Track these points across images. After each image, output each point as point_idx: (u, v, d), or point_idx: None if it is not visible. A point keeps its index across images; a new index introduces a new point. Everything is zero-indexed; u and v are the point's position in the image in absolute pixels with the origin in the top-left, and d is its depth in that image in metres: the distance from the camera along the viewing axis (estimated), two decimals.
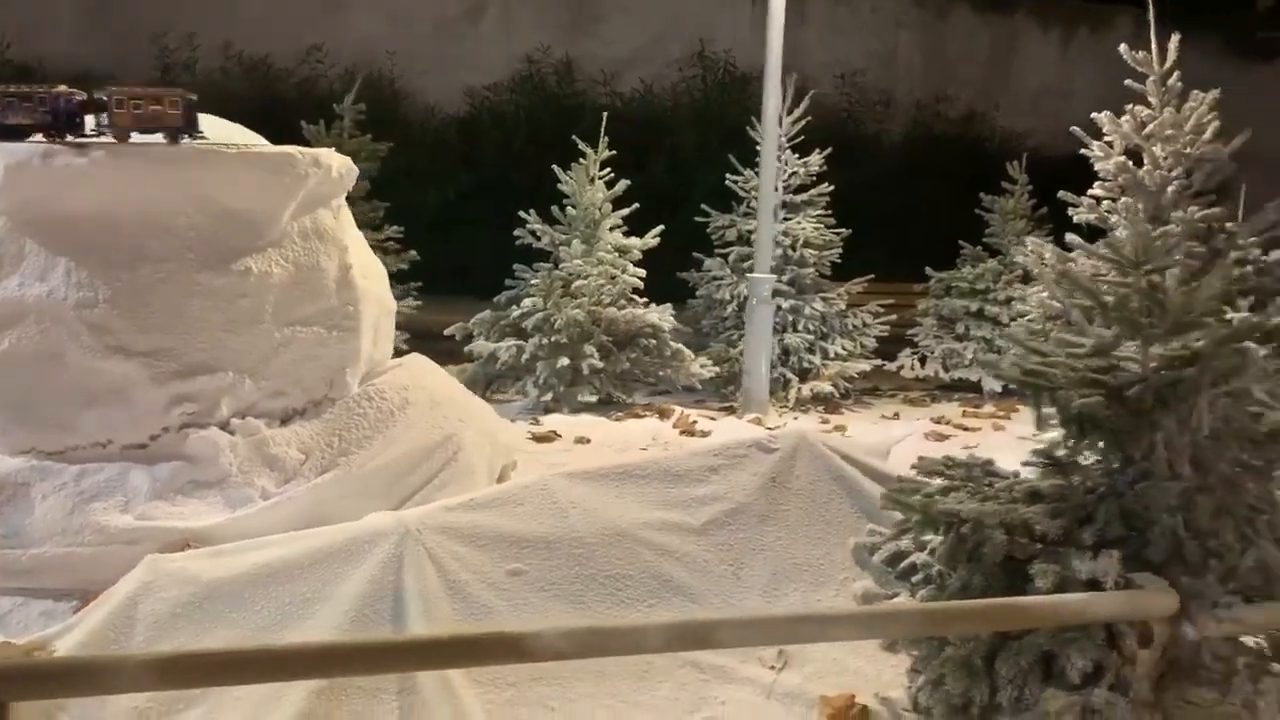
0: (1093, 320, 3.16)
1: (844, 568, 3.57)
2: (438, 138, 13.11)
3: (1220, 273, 2.86)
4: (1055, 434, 3.13)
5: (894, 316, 8.53)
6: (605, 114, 6.88)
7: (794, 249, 8.00)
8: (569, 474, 3.47)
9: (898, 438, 6.34)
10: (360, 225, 7.44)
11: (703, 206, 8.39)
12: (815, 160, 8.19)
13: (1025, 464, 3.19)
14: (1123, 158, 5.14)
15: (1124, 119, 5.12)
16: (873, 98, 15.22)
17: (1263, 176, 14.23)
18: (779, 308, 7.92)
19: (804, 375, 7.90)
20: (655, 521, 3.41)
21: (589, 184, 6.47)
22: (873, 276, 8.61)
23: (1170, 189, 5.00)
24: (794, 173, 8.17)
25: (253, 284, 3.65)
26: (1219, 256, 4.89)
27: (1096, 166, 5.27)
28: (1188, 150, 5.00)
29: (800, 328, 7.95)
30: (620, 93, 13.88)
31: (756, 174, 8.14)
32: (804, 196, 8.18)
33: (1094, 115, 5.51)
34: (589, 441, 5.19)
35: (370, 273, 4.11)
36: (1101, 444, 3.00)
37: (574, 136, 6.66)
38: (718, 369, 6.87)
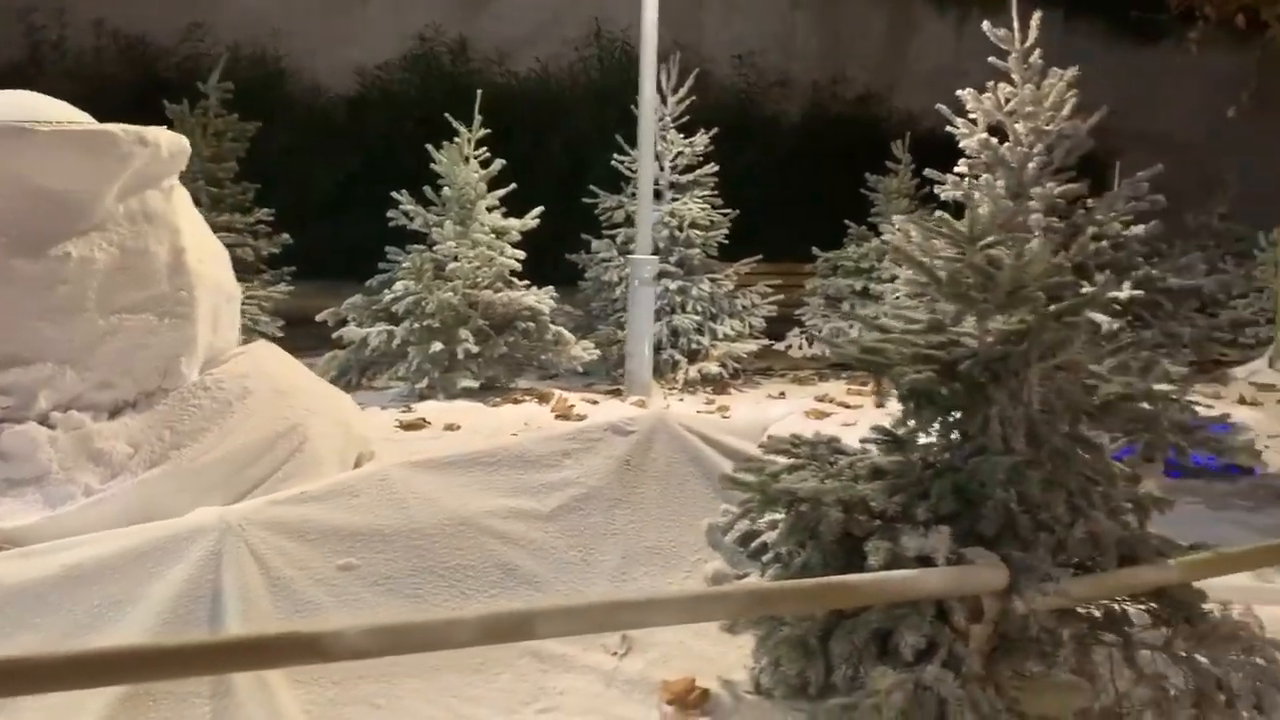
0: (931, 296, 3.14)
1: (697, 550, 3.52)
2: (326, 118, 12.74)
3: (1046, 246, 2.86)
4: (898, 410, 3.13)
5: (782, 296, 8.56)
6: (480, 92, 6.72)
7: (680, 230, 7.96)
8: (411, 463, 3.35)
9: (776, 417, 6.35)
10: (229, 208, 7.23)
11: (591, 188, 8.30)
12: (701, 141, 8.15)
13: (863, 441, 3.18)
14: (986, 135, 5.20)
15: (986, 96, 5.17)
16: (770, 78, 15.26)
17: (1152, 154, 14.50)
18: (666, 289, 7.88)
19: (693, 356, 7.88)
20: (501, 509, 3.32)
21: (463, 163, 6.31)
22: (761, 257, 8.62)
23: (1031, 165, 5.07)
24: (680, 153, 8.12)
25: (73, 270, 3.45)
26: (1078, 232, 4.97)
27: (961, 143, 5.32)
28: (1049, 127, 5.07)
29: (688, 309, 7.92)
30: (515, 72, 13.67)
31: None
32: (690, 177, 8.14)
33: (959, 92, 5.57)
34: (458, 428, 5.08)
35: (207, 256, 3.92)
36: (939, 420, 3.00)
37: (446, 115, 6.49)
38: (599, 352, 6.80)
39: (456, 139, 6.38)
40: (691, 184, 8.20)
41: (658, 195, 8.18)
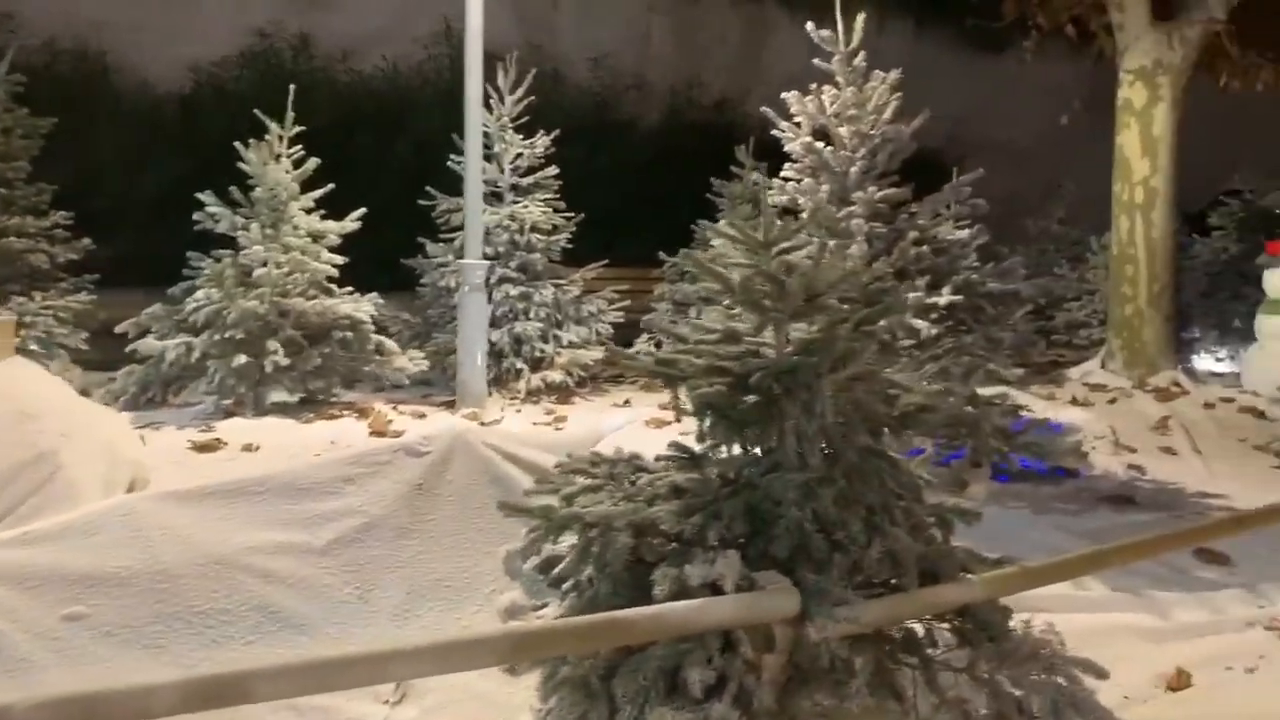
0: (729, 305, 2.96)
1: (494, 580, 3.27)
2: (156, 117, 11.99)
3: (840, 254, 2.71)
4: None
5: (629, 302, 8.38)
6: (293, 87, 6.32)
7: (521, 233, 7.70)
8: (162, 495, 3.00)
9: (612, 428, 6.15)
10: (20, 211, 6.62)
11: (428, 189, 7.97)
12: (542, 142, 7.90)
13: (658, 458, 2.98)
14: (810, 138, 5.10)
15: (809, 99, 5.07)
16: (626, 82, 15.12)
17: (996, 162, 14.80)
18: (508, 295, 7.61)
19: (536, 364, 7.62)
20: (267, 544, 3.00)
21: (273, 162, 5.89)
22: (606, 262, 8.44)
23: (854, 169, 4.99)
24: (519, 154, 7.86)
25: None
26: (900, 237, 4.91)
27: (786, 147, 5.21)
28: (872, 131, 5.00)
29: (531, 315, 7.66)
30: (360, 70, 13.16)
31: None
32: (530, 180, 7.88)
33: (784, 95, 5.47)
34: (258, 449, 4.69)
35: None
36: (737, 435, 2.82)
37: (256, 111, 6.06)
38: (426, 362, 6.47)
39: (267, 136, 5.96)
40: (533, 186, 7.95)
41: (498, 198, 7.92)
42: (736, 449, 2.85)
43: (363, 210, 6.25)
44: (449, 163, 7.76)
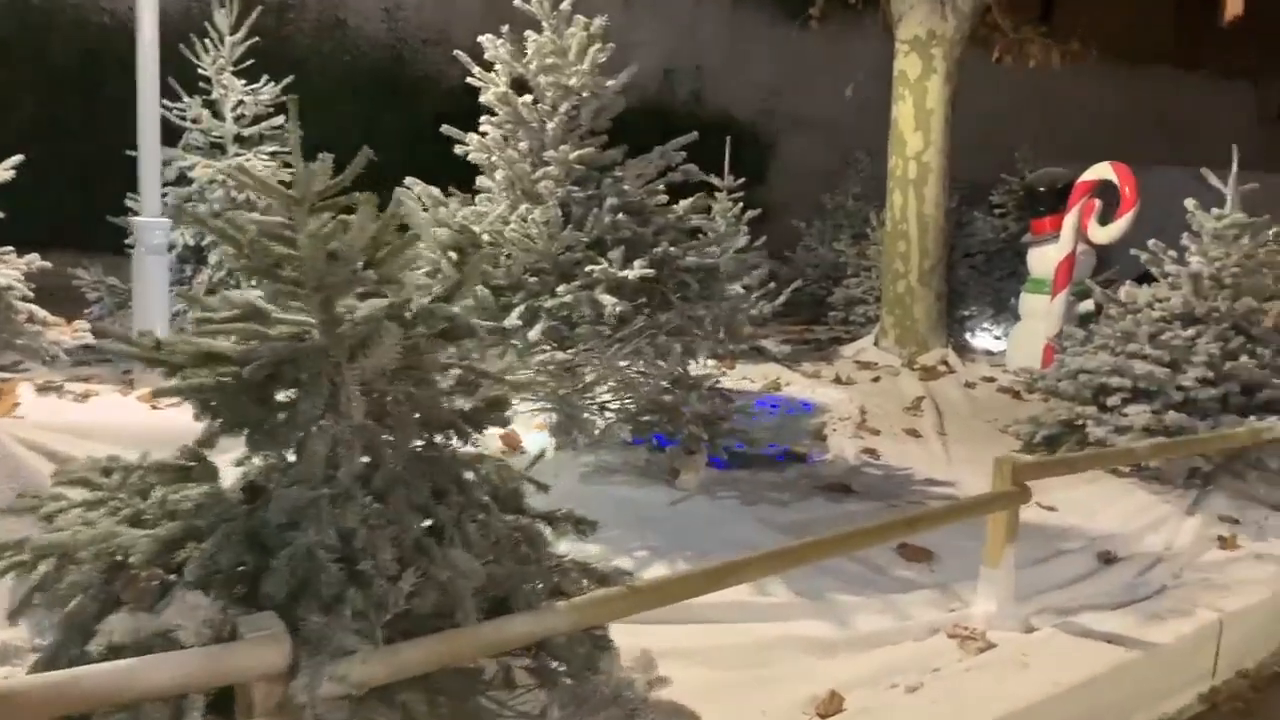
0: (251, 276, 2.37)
1: None
2: None
3: (366, 217, 2.17)
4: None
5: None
6: None
7: (241, 190, 6.90)
8: None
9: None
10: None
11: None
12: (268, 90, 7.10)
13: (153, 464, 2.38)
14: (507, 89, 4.54)
15: (502, 43, 4.51)
16: (423, 36, 14.24)
17: (808, 135, 14.50)
18: (224, 259, 6.81)
19: None
20: None
21: None
22: None
23: (551, 125, 4.47)
24: (240, 101, 7.05)
25: None
26: (597, 202, 4.42)
27: (481, 98, 4.64)
28: (571, 82, 4.48)
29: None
30: (113, 10, 11.87)
31: (201, 101, 6.98)
32: (253, 130, 7.08)
33: (480, 38, 4.89)
34: None
35: None
36: (251, 440, 2.26)
37: None
38: (90, 336, 5.67)
39: None
40: (264, 138, 7.16)
41: (221, 149, 7.10)
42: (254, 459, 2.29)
43: (18, 158, 5.36)
44: (164, 109, 6.87)
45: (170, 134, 7.02)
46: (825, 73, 17.36)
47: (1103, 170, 7.41)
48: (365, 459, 2.24)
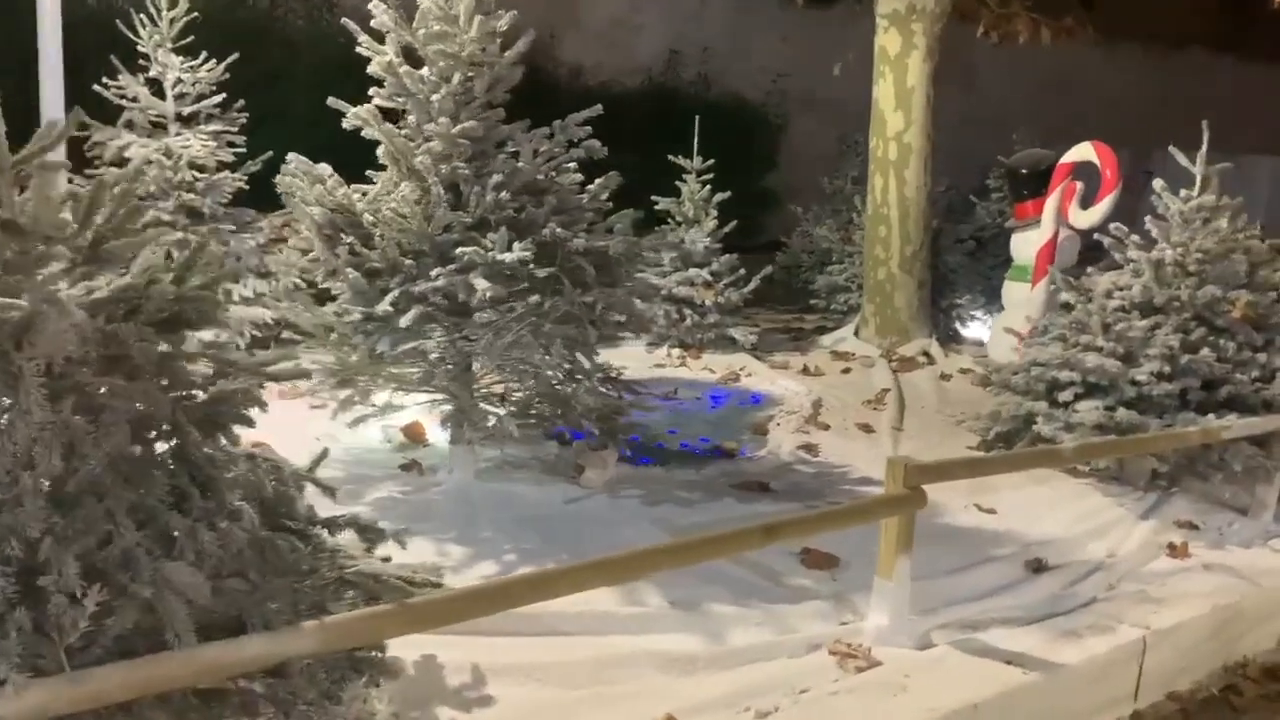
0: None
1: None
2: None
3: (93, 191, 1.92)
4: None
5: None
6: None
7: (176, 171, 6.70)
8: None
9: None
10: None
11: (87, 120, 6.87)
12: (209, 68, 6.87)
13: None
14: (392, 58, 4.27)
15: (388, 9, 4.23)
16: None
17: (819, 118, 14.01)
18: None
19: None
20: None
21: None
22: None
23: (437, 96, 4.19)
24: (179, 79, 6.83)
25: None
26: (485, 163, 4.14)
27: (369, 69, 4.37)
28: (462, 52, 4.20)
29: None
30: None
31: (141, 80, 6.77)
32: (192, 109, 6.86)
33: (371, 4, 4.61)
34: None
35: None
36: None
37: None
38: None
39: None
40: (208, 117, 6.95)
41: (162, 128, 6.90)
42: None
43: None
44: (98, 87, 6.69)
45: (112, 113, 6.85)
46: (837, 54, 16.95)
47: (1084, 151, 6.99)
48: (63, 461, 1.98)
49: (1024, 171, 7.67)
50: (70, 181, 6.31)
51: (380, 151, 4.14)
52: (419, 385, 4.16)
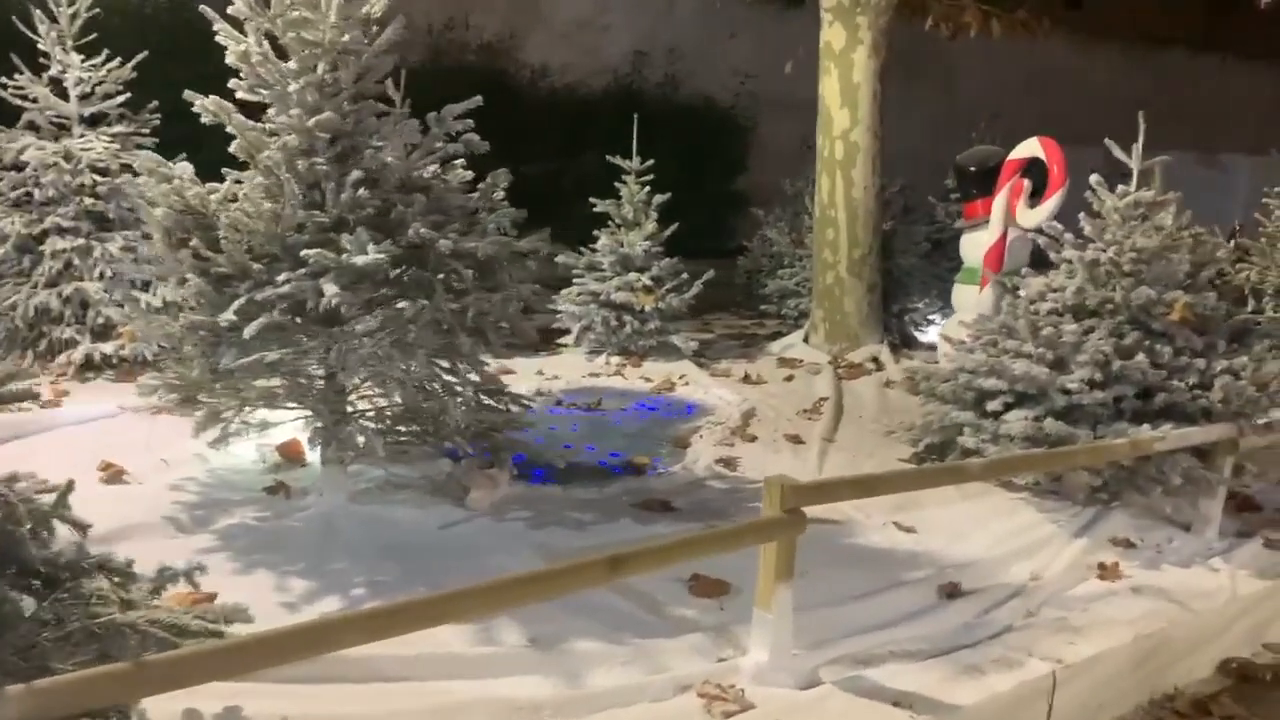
0: None
1: None
2: None
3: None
4: None
5: None
6: None
7: (75, 174, 6.37)
8: None
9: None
10: None
11: None
12: (110, 67, 6.55)
13: None
14: (248, 47, 3.95)
15: None
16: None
17: (789, 118, 13.72)
18: (59, 249, 6.31)
19: (105, 333, 6.37)
20: None
21: None
22: None
23: (294, 87, 3.87)
24: (81, 79, 6.51)
25: None
26: (347, 158, 3.83)
27: (228, 59, 4.05)
28: (324, 40, 3.89)
29: (97, 274, 6.38)
30: None
31: (45, 79, 6.46)
32: (95, 109, 6.54)
33: None
34: None
35: None
36: None
37: None
38: None
39: None
40: (109, 117, 6.63)
41: (67, 130, 6.58)
42: None
43: None
44: None
45: (9, 114, 6.55)
46: (810, 54, 16.69)
47: (1031, 147, 6.69)
48: None
49: (972, 169, 7.36)
50: None
51: (234, 146, 3.82)
52: (285, 401, 3.83)
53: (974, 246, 7.33)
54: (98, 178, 6.37)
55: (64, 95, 6.51)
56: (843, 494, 3.34)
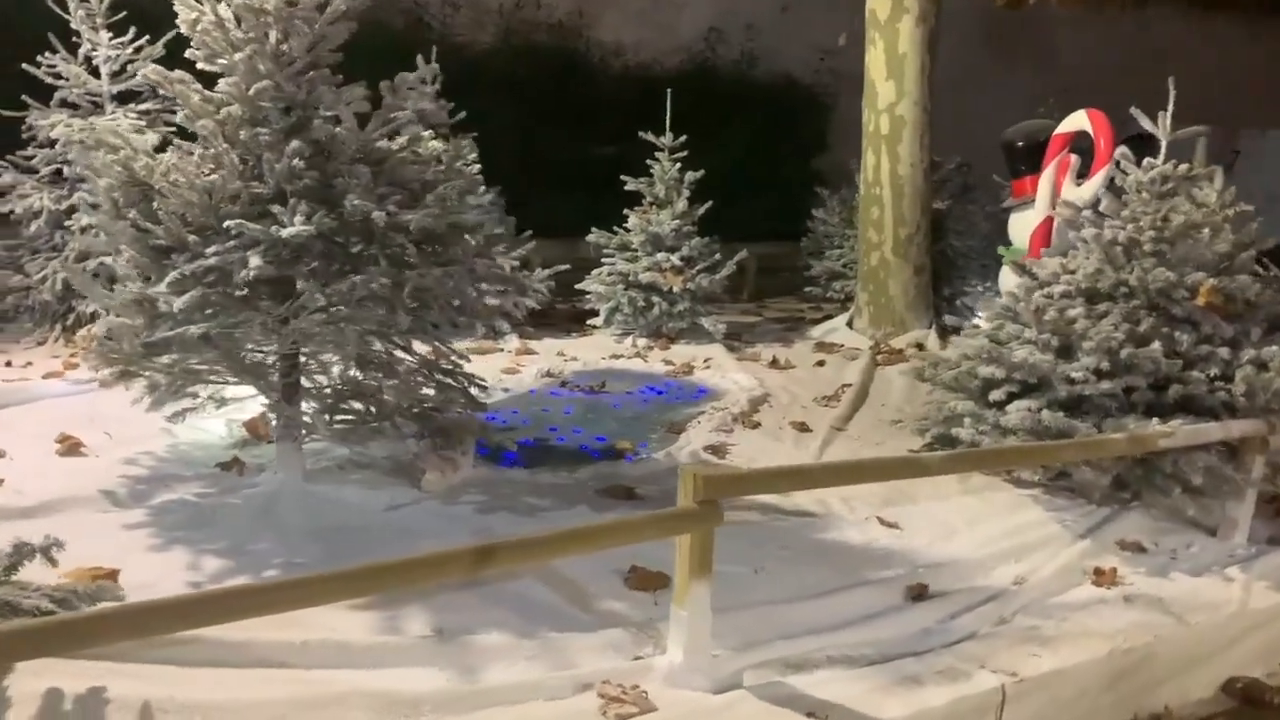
0: None
1: None
2: None
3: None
4: None
5: None
6: None
7: (96, 150, 6.46)
8: None
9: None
10: None
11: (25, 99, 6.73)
12: (141, 46, 6.63)
13: None
14: (198, 15, 3.89)
15: None
16: None
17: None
18: (84, 230, 6.43)
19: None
20: None
21: None
22: None
23: (239, 57, 3.79)
24: (111, 57, 6.61)
25: None
26: (301, 129, 3.74)
27: (183, 29, 4.00)
28: (269, 6, 3.80)
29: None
30: None
31: (74, 58, 6.59)
32: (123, 87, 6.64)
33: None
34: None
35: None
36: None
37: None
38: None
39: None
40: (138, 95, 6.73)
41: (99, 107, 6.71)
42: None
43: None
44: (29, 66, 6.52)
45: (44, 92, 6.69)
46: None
47: (1079, 120, 6.24)
48: None
49: (1020, 144, 6.91)
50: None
51: (179, 117, 3.77)
52: (228, 376, 3.78)
53: (1023, 226, 6.90)
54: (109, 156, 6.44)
55: (95, 73, 6.62)
56: (766, 486, 3.10)
